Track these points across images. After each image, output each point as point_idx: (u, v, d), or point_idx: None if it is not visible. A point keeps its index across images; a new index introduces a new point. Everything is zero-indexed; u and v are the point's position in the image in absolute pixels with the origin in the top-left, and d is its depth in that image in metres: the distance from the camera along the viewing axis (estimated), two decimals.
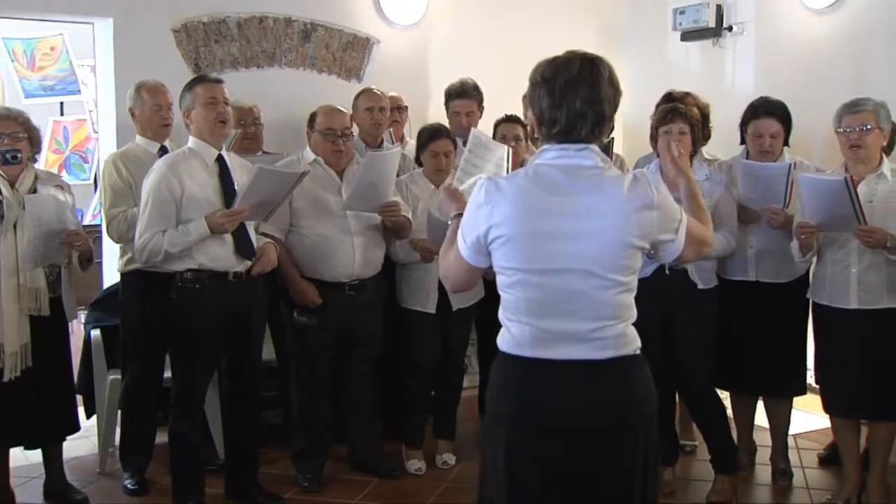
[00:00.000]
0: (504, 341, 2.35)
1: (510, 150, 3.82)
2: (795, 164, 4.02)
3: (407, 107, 5.35)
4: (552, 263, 2.24)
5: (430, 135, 4.49)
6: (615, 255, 2.25)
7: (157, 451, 4.35)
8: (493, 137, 4.78)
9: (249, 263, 3.88)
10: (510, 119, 4.73)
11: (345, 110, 4.37)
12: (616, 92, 2.30)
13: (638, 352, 2.36)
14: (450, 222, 2.54)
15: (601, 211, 2.23)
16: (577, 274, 2.24)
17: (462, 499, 4.32)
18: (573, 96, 2.24)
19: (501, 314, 2.36)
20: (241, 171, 3.94)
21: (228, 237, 3.78)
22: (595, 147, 2.31)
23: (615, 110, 2.32)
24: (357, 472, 4.48)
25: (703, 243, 2.46)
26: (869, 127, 3.84)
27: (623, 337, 2.31)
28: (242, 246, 3.83)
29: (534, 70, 2.34)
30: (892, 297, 3.85)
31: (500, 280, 2.33)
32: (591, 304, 2.25)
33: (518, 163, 4.13)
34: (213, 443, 4.43)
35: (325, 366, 4.27)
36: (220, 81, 3.92)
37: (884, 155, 3.96)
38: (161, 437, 4.30)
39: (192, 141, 3.86)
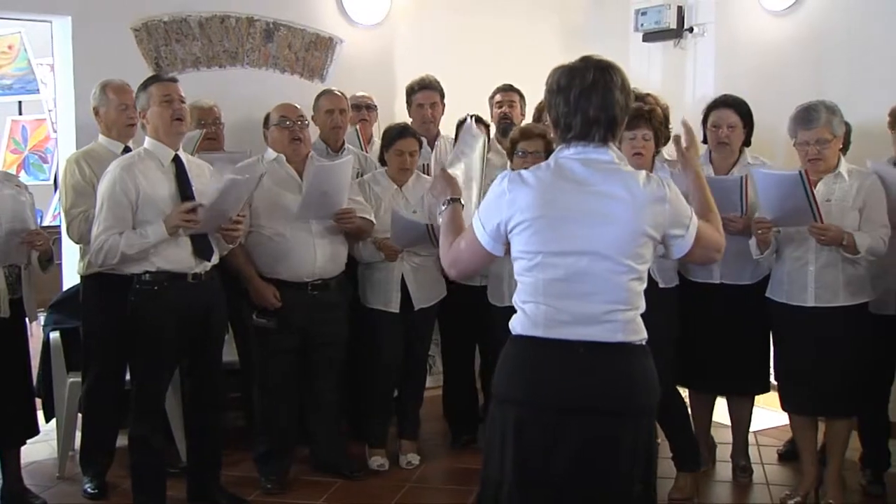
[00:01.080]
0: (518, 323, 2.45)
1: (484, 140, 3.79)
2: (747, 176, 4.06)
3: (376, 106, 5.34)
4: (571, 246, 2.36)
5: (396, 133, 4.49)
6: (630, 241, 2.37)
7: (118, 455, 4.30)
8: (455, 138, 4.79)
9: (209, 265, 3.85)
10: (475, 118, 4.73)
11: (297, 105, 4.33)
12: (627, 97, 2.43)
13: (644, 342, 2.46)
14: (442, 207, 2.65)
15: (619, 199, 2.36)
16: (593, 257, 2.36)
17: (426, 499, 4.33)
18: (587, 104, 2.38)
19: (517, 299, 2.46)
20: (199, 170, 3.91)
21: (185, 239, 3.74)
22: (612, 146, 2.44)
23: (627, 114, 2.45)
24: (321, 474, 4.46)
25: (714, 248, 2.57)
26: (827, 140, 3.87)
27: (633, 324, 2.41)
28: (200, 247, 3.79)
29: (550, 76, 2.46)
30: (848, 294, 3.91)
31: (520, 265, 2.44)
32: (605, 287, 2.37)
33: None
34: (175, 446, 4.39)
35: (287, 367, 4.25)
36: (174, 80, 3.87)
37: (841, 155, 4.01)
38: (122, 441, 4.24)
39: (147, 142, 3.82)
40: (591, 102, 2.38)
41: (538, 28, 6.30)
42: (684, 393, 4.40)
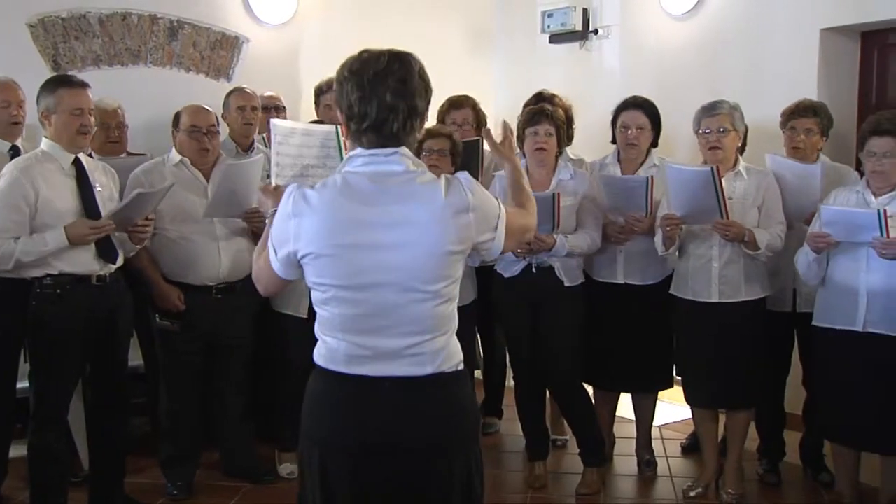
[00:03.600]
0: (320, 356, 2.25)
1: (339, 127, 3.72)
2: (653, 177, 4.15)
3: (284, 107, 5.28)
4: (366, 278, 2.14)
5: None
6: (432, 265, 2.15)
7: (14, 465, 4.13)
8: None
9: (114, 267, 3.76)
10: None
11: (210, 109, 4.28)
12: (427, 87, 2.21)
13: (460, 367, 2.27)
14: (267, 220, 2.42)
15: (415, 220, 2.13)
16: (392, 288, 2.14)
17: None
18: (383, 88, 2.13)
19: (317, 329, 2.26)
20: (101, 173, 3.82)
21: None
22: (405, 150, 2.20)
23: (427, 106, 2.23)
24: (229, 478, 4.41)
25: (523, 230, 2.40)
26: (725, 129, 4.00)
27: (443, 351, 2.21)
28: (104, 249, 3.70)
29: (339, 68, 2.23)
30: (749, 290, 4.03)
31: (315, 296, 2.23)
32: (408, 318, 2.16)
33: None
34: (76, 454, 4.27)
35: (192, 371, 4.18)
36: (85, 86, 3.73)
37: (739, 155, 4.13)
38: (18, 451, 4.09)
39: (46, 143, 3.70)
40: (387, 87, 2.13)
41: (445, 29, 6.33)
42: (589, 390, 4.46)
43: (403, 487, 2.21)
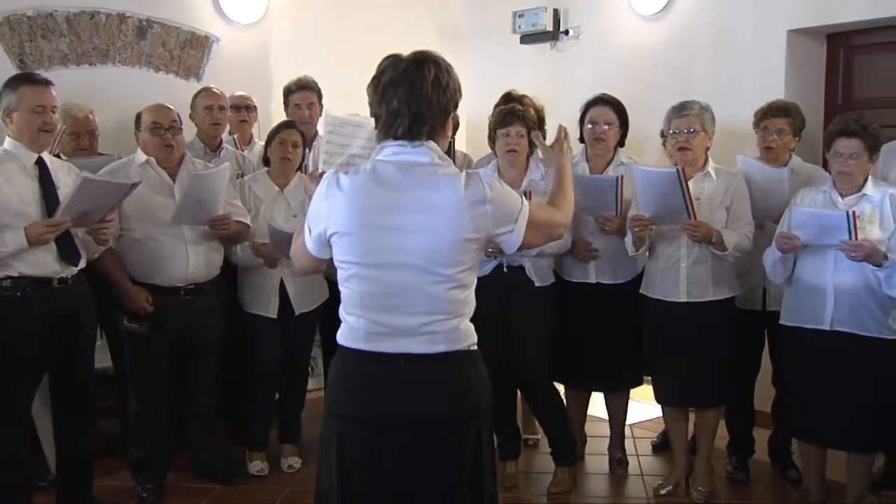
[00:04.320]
0: (342, 335, 2.39)
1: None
2: (622, 176, 4.17)
3: (255, 107, 5.26)
4: (386, 258, 2.29)
5: (279, 126, 4.49)
6: (448, 250, 2.29)
7: None
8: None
9: (76, 269, 3.72)
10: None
11: (171, 107, 4.24)
12: (441, 93, 2.32)
13: (473, 348, 2.39)
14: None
15: (435, 206, 2.28)
16: (409, 269, 2.28)
17: (308, 501, 4.28)
18: (392, 95, 2.30)
19: (341, 309, 2.40)
20: (65, 173, 3.77)
21: (51, 243, 3.60)
22: (432, 144, 2.35)
23: (443, 111, 2.34)
24: (200, 480, 4.38)
25: (550, 225, 2.50)
26: (695, 129, 4.03)
27: (456, 332, 2.34)
28: (66, 251, 3.66)
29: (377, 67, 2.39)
30: (716, 290, 4.06)
31: (339, 275, 2.38)
32: (422, 298, 2.30)
33: None
34: (43, 457, 4.23)
35: (161, 372, 4.15)
36: (49, 84, 3.69)
37: (709, 156, 4.16)
38: None
39: (9, 142, 3.66)
40: (396, 94, 2.29)
41: (418, 29, 6.32)
42: (561, 389, 4.48)
43: (414, 461, 2.33)
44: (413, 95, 2.29)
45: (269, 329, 4.39)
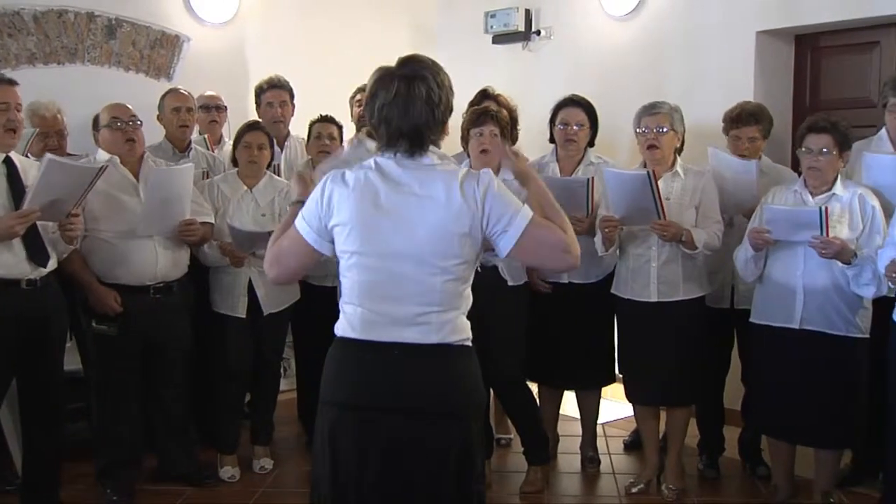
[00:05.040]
0: (339, 326, 2.44)
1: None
2: (593, 178, 4.19)
3: (226, 107, 5.23)
4: (385, 247, 2.35)
5: (245, 128, 4.47)
6: (445, 242, 2.35)
7: None
8: (308, 137, 4.77)
9: (45, 270, 3.68)
10: (325, 119, 4.73)
11: (129, 106, 4.18)
12: (435, 108, 2.37)
13: (467, 343, 2.44)
14: (288, 207, 2.65)
15: (434, 199, 2.34)
16: (407, 259, 2.34)
17: (280, 501, 4.27)
18: (390, 117, 2.37)
19: (340, 301, 2.45)
20: (35, 173, 3.71)
21: (18, 244, 3.56)
22: (433, 148, 2.44)
23: (438, 122, 2.40)
24: (170, 483, 4.34)
25: (554, 246, 2.39)
26: (665, 129, 4.05)
27: (450, 325, 2.39)
28: (35, 252, 3.62)
29: (369, 81, 2.43)
30: (687, 289, 4.09)
31: (341, 266, 2.43)
32: (418, 289, 2.35)
33: None
34: (10, 461, 4.18)
35: (129, 374, 4.09)
36: (13, 83, 3.65)
37: (677, 155, 4.19)
38: None
39: None
40: (393, 115, 2.36)
41: (390, 29, 6.32)
42: (533, 388, 4.49)
43: (403, 450, 2.37)
44: (408, 117, 2.36)
45: (238, 329, 4.36)
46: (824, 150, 3.71)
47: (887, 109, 3.97)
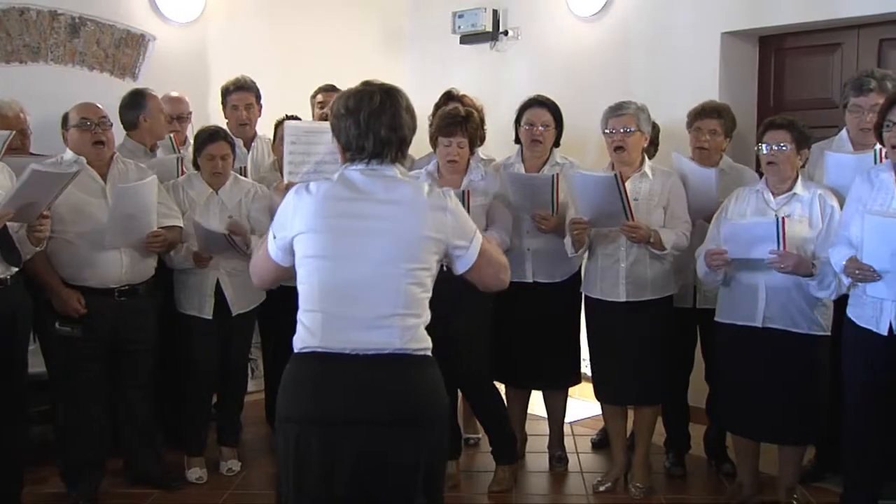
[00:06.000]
0: (298, 340, 2.43)
1: None
2: (558, 175, 4.21)
3: (191, 112, 5.17)
4: (348, 249, 2.38)
5: (206, 137, 4.37)
6: (411, 245, 2.39)
7: None
8: (274, 138, 4.74)
9: (14, 270, 3.63)
10: (291, 119, 4.70)
11: (100, 106, 4.14)
12: (413, 118, 2.50)
13: (427, 353, 2.45)
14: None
15: (399, 203, 2.41)
16: (370, 260, 2.37)
17: (248, 503, 4.25)
18: (378, 125, 2.42)
19: (299, 314, 2.44)
20: (3, 174, 3.69)
21: None
22: (398, 165, 2.50)
23: (413, 134, 2.52)
24: (135, 485, 4.31)
25: (500, 266, 2.61)
26: (631, 130, 4.07)
27: (412, 331, 2.40)
28: (6, 250, 3.58)
29: (335, 101, 2.49)
30: (655, 289, 4.12)
31: (299, 275, 2.44)
32: (381, 291, 2.37)
33: None
34: None
35: (93, 376, 4.05)
36: None
37: (645, 156, 4.21)
38: None
39: None
40: (381, 123, 2.42)
41: (358, 29, 6.31)
42: (501, 388, 4.50)
43: (369, 462, 2.37)
44: (397, 122, 2.44)
45: (204, 330, 4.33)
46: (782, 144, 3.74)
47: (848, 110, 4.03)
